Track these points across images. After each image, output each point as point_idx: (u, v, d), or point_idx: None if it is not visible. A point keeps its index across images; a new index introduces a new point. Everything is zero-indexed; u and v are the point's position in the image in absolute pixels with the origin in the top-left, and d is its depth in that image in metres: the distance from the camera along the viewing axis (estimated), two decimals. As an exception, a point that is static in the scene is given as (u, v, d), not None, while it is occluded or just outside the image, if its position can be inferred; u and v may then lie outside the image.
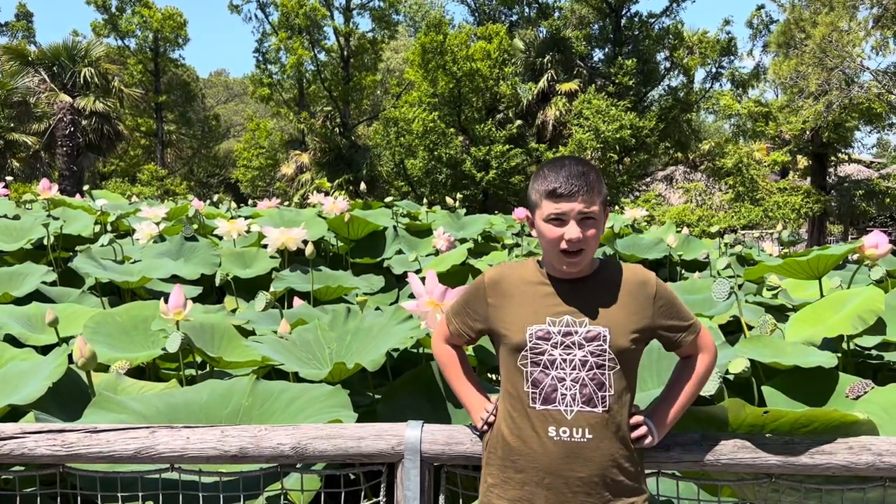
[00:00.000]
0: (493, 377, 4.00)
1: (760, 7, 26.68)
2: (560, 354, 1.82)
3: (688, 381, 1.97)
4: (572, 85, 26.20)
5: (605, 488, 1.81)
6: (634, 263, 1.92)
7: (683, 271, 6.72)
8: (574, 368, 1.81)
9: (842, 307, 3.37)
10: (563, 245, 1.82)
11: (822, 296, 3.98)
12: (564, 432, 1.80)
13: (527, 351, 1.85)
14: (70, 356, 2.90)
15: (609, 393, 1.81)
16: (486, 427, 1.97)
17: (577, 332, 1.83)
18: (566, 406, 1.81)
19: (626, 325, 1.84)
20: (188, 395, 2.76)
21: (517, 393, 1.87)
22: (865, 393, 2.74)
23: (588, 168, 1.85)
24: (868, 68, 21.23)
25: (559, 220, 1.82)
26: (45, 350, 3.68)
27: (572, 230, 1.81)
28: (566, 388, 1.81)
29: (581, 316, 1.84)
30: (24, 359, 3.27)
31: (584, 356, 1.82)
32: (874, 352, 3.75)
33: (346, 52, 30.38)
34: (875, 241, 3.84)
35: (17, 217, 6.63)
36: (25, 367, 3.02)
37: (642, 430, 1.88)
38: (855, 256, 4.20)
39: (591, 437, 1.80)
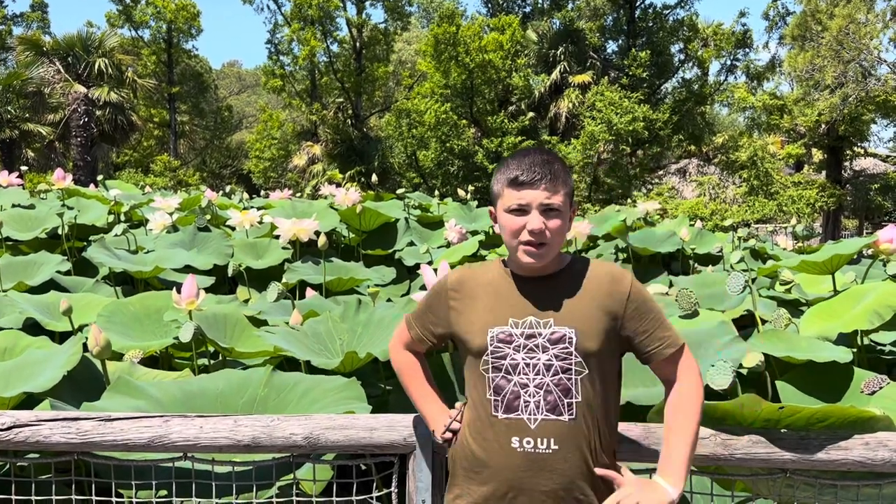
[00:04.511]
0: None
1: (776, -1, 26.43)
2: (523, 358, 1.70)
3: (683, 421, 1.75)
4: (585, 77, 26.06)
5: (574, 503, 1.70)
6: (610, 262, 1.84)
7: (696, 265, 6.68)
8: (538, 373, 1.69)
9: (857, 302, 3.34)
10: (525, 237, 1.71)
11: (835, 290, 3.95)
12: (528, 443, 1.68)
13: (488, 355, 1.73)
14: (85, 345, 2.92)
15: (576, 399, 1.69)
16: (448, 435, 1.86)
17: (540, 334, 1.70)
18: (529, 414, 1.69)
19: (595, 326, 1.71)
20: (204, 383, 2.78)
21: (481, 400, 1.76)
22: (881, 388, 2.73)
23: (553, 157, 1.75)
24: (885, 61, 21.00)
25: (521, 210, 1.71)
26: (60, 338, 3.72)
27: (534, 220, 1.69)
28: (529, 395, 1.69)
29: (546, 316, 1.72)
30: (40, 347, 3.30)
31: (549, 360, 1.69)
32: (889, 347, 3.72)
33: (358, 44, 30.36)
34: (890, 236, 3.82)
35: (31, 206, 6.68)
36: (41, 355, 3.05)
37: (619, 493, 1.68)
38: (869, 251, 4.16)
39: (556, 447, 1.68)
